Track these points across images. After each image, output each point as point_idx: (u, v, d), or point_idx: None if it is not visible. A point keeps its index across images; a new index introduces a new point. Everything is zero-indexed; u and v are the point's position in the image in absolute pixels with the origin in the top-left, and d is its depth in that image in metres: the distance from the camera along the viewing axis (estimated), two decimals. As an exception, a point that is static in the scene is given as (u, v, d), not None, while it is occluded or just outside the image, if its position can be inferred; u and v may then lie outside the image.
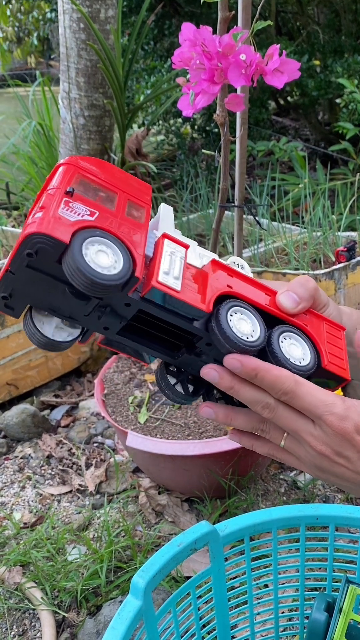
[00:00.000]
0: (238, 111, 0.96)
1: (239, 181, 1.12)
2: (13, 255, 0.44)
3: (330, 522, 0.77)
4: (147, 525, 1.28)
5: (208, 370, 0.50)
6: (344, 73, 2.65)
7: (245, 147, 1.08)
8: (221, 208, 1.13)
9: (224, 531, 0.73)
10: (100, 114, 2.12)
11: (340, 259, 1.62)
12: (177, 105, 0.96)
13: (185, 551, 0.69)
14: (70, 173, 0.48)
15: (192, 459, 1.13)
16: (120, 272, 0.44)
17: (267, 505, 1.31)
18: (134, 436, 1.15)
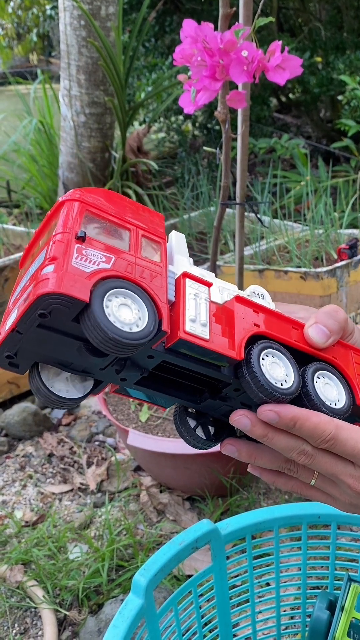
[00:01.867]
0: (239, 108, 0.95)
1: (240, 178, 1.12)
2: (22, 315, 0.39)
3: (332, 521, 0.76)
4: (148, 524, 1.28)
5: (239, 418, 0.46)
6: (345, 70, 2.64)
7: (247, 144, 1.08)
8: (222, 206, 1.12)
9: (225, 530, 0.73)
10: (101, 112, 2.11)
11: (342, 257, 1.61)
12: (179, 103, 0.96)
13: (186, 550, 0.69)
14: (77, 211, 0.43)
15: (193, 457, 1.13)
16: (146, 328, 0.40)
17: (268, 504, 1.31)
18: (136, 435, 1.15)
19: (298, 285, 1.58)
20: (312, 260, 1.82)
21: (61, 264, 0.38)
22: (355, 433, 0.46)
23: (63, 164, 2.26)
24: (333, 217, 1.91)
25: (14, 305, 0.42)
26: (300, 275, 1.56)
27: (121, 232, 0.44)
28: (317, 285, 1.53)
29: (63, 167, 2.26)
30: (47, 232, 0.43)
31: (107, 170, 2.24)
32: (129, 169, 2.18)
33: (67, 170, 2.25)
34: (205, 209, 2.31)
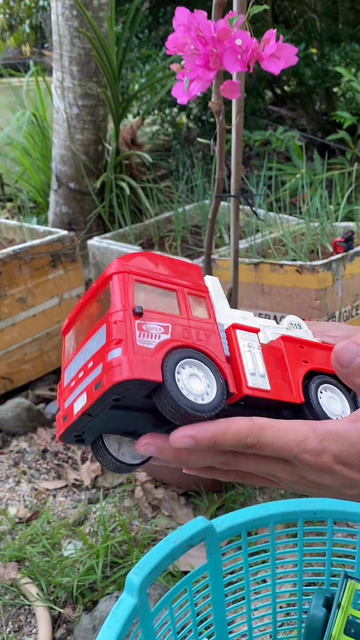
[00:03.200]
0: (234, 98, 0.94)
1: (235, 171, 1.10)
2: (95, 400, 0.39)
3: (328, 517, 0.76)
4: (143, 520, 1.27)
5: (144, 447, 0.42)
6: (341, 61, 2.63)
7: (242, 136, 1.06)
8: (217, 198, 1.11)
9: (220, 527, 0.72)
10: (94, 104, 2.09)
11: (337, 250, 1.60)
12: (172, 93, 0.94)
13: (181, 547, 0.68)
14: (128, 284, 0.42)
15: (188, 452, 1.12)
16: (216, 398, 0.40)
17: (264, 499, 1.30)
18: (130, 430, 1.14)
19: (294, 278, 1.56)
20: (307, 253, 1.80)
21: (127, 346, 0.39)
22: (282, 431, 0.43)
23: (56, 157, 2.24)
24: (329, 210, 1.89)
25: (77, 384, 0.42)
26: (295, 269, 1.55)
27: (169, 294, 0.44)
28: (312, 278, 1.52)
29: (56, 159, 2.24)
30: (97, 305, 0.43)
31: (101, 163, 2.22)
32: (123, 161, 2.16)
33: (60, 163, 2.23)
34: (200, 202, 2.29)
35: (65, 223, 2.28)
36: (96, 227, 2.29)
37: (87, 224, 2.24)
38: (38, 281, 1.74)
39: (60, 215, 2.28)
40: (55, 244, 1.76)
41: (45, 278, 1.76)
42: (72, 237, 1.81)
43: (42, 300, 1.77)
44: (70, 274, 1.85)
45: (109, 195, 2.13)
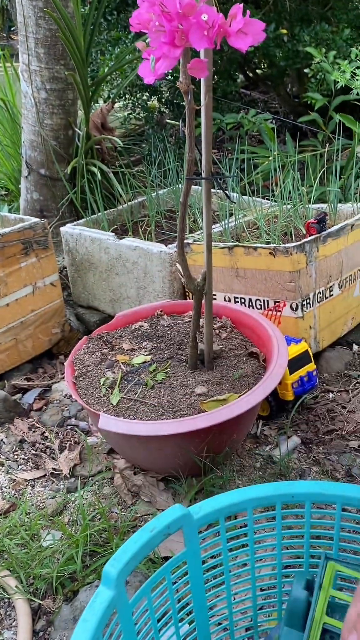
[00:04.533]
0: (201, 77, 0.92)
1: (205, 152, 1.08)
2: None
3: (306, 499, 0.75)
4: (123, 507, 1.26)
5: None
6: (311, 42, 2.60)
7: (211, 116, 1.04)
8: (188, 181, 1.09)
9: (198, 514, 0.71)
10: (63, 87, 2.04)
11: (310, 232, 1.60)
12: (138, 73, 0.92)
13: (158, 536, 0.67)
14: None
15: (166, 438, 1.11)
16: None
17: (243, 482, 1.30)
18: (106, 418, 1.13)
19: (267, 261, 1.56)
20: (281, 236, 1.80)
21: None
22: None
23: (25, 143, 2.19)
24: (301, 192, 1.89)
25: None
26: (269, 252, 1.54)
27: None
28: (286, 261, 1.52)
29: (25, 145, 2.19)
30: None
31: (72, 148, 2.18)
32: (94, 146, 2.12)
33: (29, 148, 2.18)
34: (174, 186, 2.27)
35: (36, 210, 2.23)
36: (69, 213, 2.25)
37: (60, 210, 2.20)
38: (10, 270, 1.71)
39: (31, 202, 2.24)
40: (26, 231, 1.72)
41: (18, 266, 1.72)
42: (44, 224, 1.77)
43: (15, 289, 1.73)
44: (43, 261, 1.81)
45: (80, 180, 2.09)
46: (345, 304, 1.72)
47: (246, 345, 1.40)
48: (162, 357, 1.36)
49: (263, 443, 1.43)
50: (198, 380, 1.28)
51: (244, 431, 1.30)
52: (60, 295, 1.89)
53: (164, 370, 1.32)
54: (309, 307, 1.58)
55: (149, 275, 1.83)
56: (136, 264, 1.84)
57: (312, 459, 1.37)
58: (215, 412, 1.10)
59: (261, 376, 1.28)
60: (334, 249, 1.63)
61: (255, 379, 1.28)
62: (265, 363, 1.33)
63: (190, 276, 1.23)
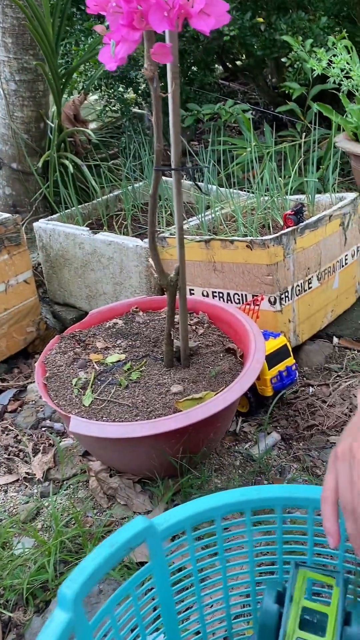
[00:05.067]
0: (166, 62, 0.87)
1: (174, 142, 1.04)
2: None
3: (276, 505, 0.72)
4: (98, 511, 1.22)
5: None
6: (288, 30, 2.56)
7: (178, 104, 1.00)
8: (157, 171, 1.04)
9: (162, 525, 0.68)
10: (33, 78, 1.98)
11: (288, 223, 1.56)
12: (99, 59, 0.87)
13: (119, 552, 0.63)
14: None
15: (139, 440, 1.07)
16: None
17: (222, 481, 1.27)
18: (77, 421, 1.08)
19: (245, 254, 1.52)
20: (259, 228, 1.76)
21: None
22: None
23: (-4, 136, 2.13)
24: (278, 183, 1.85)
25: None
26: (246, 244, 1.50)
27: None
28: (263, 253, 1.48)
29: (-4, 139, 2.13)
30: None
31: (44, 141, 2.12)
32: (67, 139, 2.06)
33: (0, 142, 2.12)
34: (150, 179, 2.22)
35: (9, 205, 2.17)
36: (43, 208, 2.19)
37: (33, 205, 2.15)
38: (-20, 268, 1.65)
39: (3, 198, 2.18)
40: (-4, 228, 1.67)
41: (-12, 264, 1.67)
42: (15, 219, 1.72)
43: (-14, 288, 1.68)
44: (16, 258, 1.76)
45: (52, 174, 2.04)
46: (324, 296, 1.69)
47: (223, 341, 1.37)
48: (137, 356, 1.32)
49: (242, 440, 1.40)
50: (174, 379, 1.24)
51: (222, 429, 1.26)
52: (34, 293, 1.84)
53: (139, 369, 1.28)
54: (288, 301, 1.55)
55: (126, 271, 1.78)
56: (112, 259, 1.79)
57: (293, 455, 1.34)
58: (191, 412, 1.07)
59: (238, 372, 1.24)
60: (312, 240, 1.60)
61: (232, 375, 1.25)
62: (243, 359, 1.30)
63: (162, 271, 1.19)
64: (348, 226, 1.75)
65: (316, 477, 1.27)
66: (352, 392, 1.51)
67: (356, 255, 1.83)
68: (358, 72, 1.83)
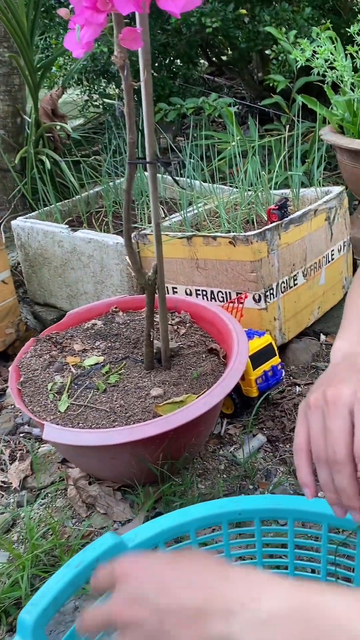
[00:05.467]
0: (136, 48, 0.82)
1: (148, 133, 0.99)
2: None
3: (254, 516, 0.68)
4: (77, 520, 1.17)
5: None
6: (272, 22, 2.52)
7: (151, 93, 0.95)
8: (130, 165, 1.00)
9: (133, 541, 0.63)
10: (8, 72, 1.92)
11: (272, 218, 1.52)
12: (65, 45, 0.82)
13: (86, 572, 0.59)
14: None
15: (117, 447, 1.03)
16: None
17: (206, 486, 1.22)
18: (51, 428, 1.03)
19: (227, 251, 1.47)
20: (243, 224, 1.72)
21: None
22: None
23: (-28, 133, 2.07)
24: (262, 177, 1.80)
25: None
26: (229, 241, 1.46)
27: None
28: (247, 250, 1.43)
29: (-28, 135, 2.07)
30: None
31: (21, 136, 2.06)
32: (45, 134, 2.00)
33: (-23, 139, 2.06)
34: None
35: (-13, 204, 2.12)
36: (22, 206, 2.14)
37: (12, 203, 2.09)
38: None
39: (-19, 196, 2.12)
40: (-30, 226, 1.61)
41: None
42: (-9, 218, 1.66)
43: None
44: (-7, 258, 1.70)
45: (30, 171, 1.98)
46: (310, 293, 1.65)
47: (206, 341, 1.32)
48: (117, 358, 1.28)
49: (227, 443, 1.35)
50: (154, 381, 1.19)
51: (205, 433, 1.22)
52: (13, 293, 1.79)
53: (118, 371, 1.23)
54: (273, 298, 1.51)
55: (106, 269, 1.73)
56: (92, 257, 1.74)
57: (279, 458, 1.30)
58: (170, 417, 1.02)
59: (221, 374, 1.20)
60: (297, 236, 1.56)
61: (215, 377, 1.20)
62: (226, 359, 1.25)
63: (140, 270, 1.14)
64: (334, 220, 1.70)
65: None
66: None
67: (343, 251, 1.79)
68: (342, 62, 1.79)
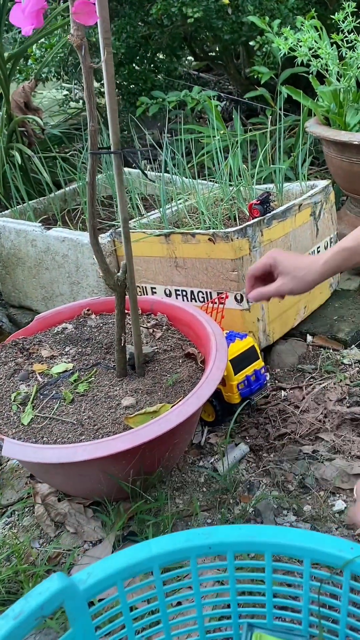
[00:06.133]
0: (90, 24, 0.74)
1: (111, 121, 0.91)
2: None
3: (227, 550, 0.59)
4: (45, 541, 1.09)
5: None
6: (255, 12, 2.43)
7: (113, 75, 0.86)
8: (92, 156, 0.91)
9: (85, 582, 0.55)
10: (-23, 63, 1.83)
11: (253, 214, 1.44)
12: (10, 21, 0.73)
13: (27, 623, 0.50)
14: None
15: (82, 463, 0.94)
16: None
17: (184, 501, 1.14)
18: (11, 444, 0.95)
19: (207, 248, 1.39)
20: (224, 220, 1.63)
21: None
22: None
23: None
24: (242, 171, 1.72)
25: None
26: (208, 238, 1.37)
27: None
28: (227, 247, 1.35)
29: None
30: None
31: (-6, 131, 1.97)
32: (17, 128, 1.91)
33: None
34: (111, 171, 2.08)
35: None
36: (-4, 205, 2.04)
37: (-15, 201, 2.00)
38: None
39: None
40: None
41: None
42: None
43: None
44: None
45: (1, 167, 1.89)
46: (296, 292, 1.57)
47: (183, 344, 1.24)
48: (87, 364, 1.19)
49: (208, 453, 1.27)
50: (126, 390, 1.11)
51: (181, 446, 1.14)
52: (-16, 296, 1.70)
53: (88, 379, 1.15)
54: (256, 298, 1.42)
55: (82, 269, 1.64)
56: (66, 257, 1.66)
57: (262, 468, 1.22)
58: (140, 430, 0.94)
59: (199, 380, 1.12)
60: (281, 232, 1.48)
61: (192, 383, 1.12)
62: (204, 364, 1.17)
63: (108, 270, 1.06)
64: (320, 216, 1.63)
65: (287, 494, 1.15)
66: (326, 396, 1.39)
67: (329, 247, 1.71)
68: (326, 50, 1.71)
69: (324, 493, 1.14)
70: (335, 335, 1.58)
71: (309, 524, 1.08)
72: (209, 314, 1.33)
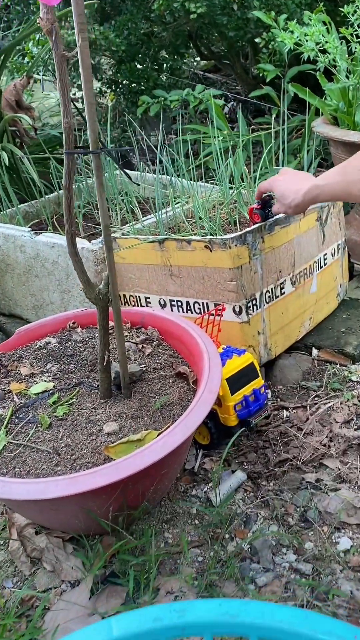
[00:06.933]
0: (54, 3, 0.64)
1: (89, 118, 0.81)
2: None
3: (204, 632, 0.49)
4: (19, 579, 0.99)
5: None
6: (261, 7, 2.33)
7: (89, 64, 0.77)
8: (68, 155, 0.81)
9: None
10: (-35, 59, 1.74)
11: (254, 219, 1.33)
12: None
13: None
14: None
15: (56, 499, 0.84)
16: None
17: (173, 535, 1.04)
18: (-24, 477, 0.85)
19: (204, 256, 1.29)
20: (224, 225, 1.53)
21: None
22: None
23: None
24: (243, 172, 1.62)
25: None
26: (204, 245, 1.27)
27: None
28: (225, 255, 1.25)
29: None
30: None
31: (-16, 131, 1.88)
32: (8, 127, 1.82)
33: None
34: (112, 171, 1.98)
35: None
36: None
37: (-25, 204, 1.91)
38: None
39: None
40: None
41: None
42: None
43: None
44: None
45: (-10, 168, 1.79)
46: (300, 302, 1.46)
47: (174, 362, 1.14)
48: (69, 384, 1.09)
49: (202, 480, 1.17)
50: (109, 414, 1.01)
51: (170, 476, 1.03)
52: (-30, 304, 1.61)
53: (68, 401, 1.05)
54: (256, 309, 1.32)
55: (72, 277, 1.55)
56: (56, 263, 1.56)
57: (261, 499, 1.11)
58: (122, 463, 0.84)
59: (190, 403, 1.01)
60: (284, 238, 1.37)
61: (182, 407, 1.02)
62: (196, 385, 1.07)
63: (89, 282, 0.96)
64: (326, 221, 1.52)
65: (287, 529, 1.04)
66: (332, 417, 1.28)
67: (337, 254, 1.60)
68: (334, 44, 1.60)
69: (327, 528, 1.03)
70: (343, 349, 1.47)
71: (310, 564, 0.97)
72: (205, 327, 1.22)
